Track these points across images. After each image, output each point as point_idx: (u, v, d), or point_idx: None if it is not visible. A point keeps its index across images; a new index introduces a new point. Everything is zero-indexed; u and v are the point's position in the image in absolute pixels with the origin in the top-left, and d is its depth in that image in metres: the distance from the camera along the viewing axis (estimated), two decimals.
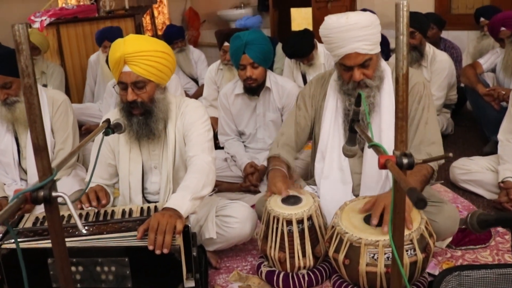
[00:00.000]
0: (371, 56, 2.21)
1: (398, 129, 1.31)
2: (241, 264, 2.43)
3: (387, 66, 2.36)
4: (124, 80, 2.15)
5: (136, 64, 2.11)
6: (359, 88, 2.27)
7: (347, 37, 2.16)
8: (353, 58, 2.20)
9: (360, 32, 2.14)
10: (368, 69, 2.23)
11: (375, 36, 2.19)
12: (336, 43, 2.21)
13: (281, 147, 2.45)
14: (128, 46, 2.11)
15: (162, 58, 2.17)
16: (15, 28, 1.11)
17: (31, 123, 1.17)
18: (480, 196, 3.07)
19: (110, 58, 2.16)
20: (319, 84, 2.52)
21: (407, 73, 1.27)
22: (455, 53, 4.79)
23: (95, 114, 5.17)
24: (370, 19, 2.18)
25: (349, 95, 2.31)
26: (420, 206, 0.97)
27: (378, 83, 2.27)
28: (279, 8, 7.31)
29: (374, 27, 2.18)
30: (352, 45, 2.17)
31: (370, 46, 2.18)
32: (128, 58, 2.10)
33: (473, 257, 2.37)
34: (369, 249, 1.93)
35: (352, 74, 2.24)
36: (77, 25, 5.78)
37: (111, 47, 2.20)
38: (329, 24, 2.21)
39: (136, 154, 2.31)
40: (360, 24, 2.13)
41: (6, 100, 2.86)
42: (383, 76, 2.30)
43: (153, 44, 2.17)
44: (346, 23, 2.14)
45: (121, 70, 2.13)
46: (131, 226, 1.93)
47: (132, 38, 2.18)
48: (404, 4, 1.22)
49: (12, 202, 1.11)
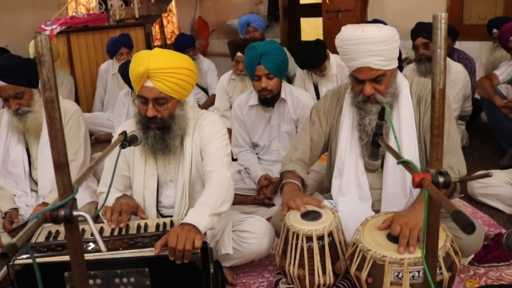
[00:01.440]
0: (385, 72, 2.15)
1: (433, 146, 1.25)
2: (257, 280, 2.37)
3: (405, 80, 2.30)
4: (145, 95, 2.09)
5: (159, 81, 2.06)
6: (369, 102, 2.22)
7: (361, 50, 2.10)
8: (365, 72, 2.15)
9: (375, 46, 2.08)
10: (380, 85, 2.17)
11: (391, 52, 2.12)
12: (349, 55, 2.15)
13: (295, 162, 2.39)
14: (153, 61, 2.06)
15: (186, 75, 2.12)
16: (37, 39, 1.06)
17: (52, 138, 1.12)
18: (499, 210, 3.00)
19: (133, 71, 2.10)
20: (334, 99, 2.46)
21: (443, 88, 1.21)
22: (469, 64, 4.73)
23: (104, 123, 5.14)
24: (388, 34, 2.11)
25: (360, 109, 2.26)
26: (468, 231, 0.91)
27: (390, 100, 2.21)
28: (289, 18, 7.29)
29: (392, 42, 2.11)
30: (365, 59, 2.11)
31: (384, 62, 2.12)
32: (152, 73, 2.05)
33: (497, 275, 2.29)
34: (394, 267, 1.86)
35: (363, 88, 2.18)
36: (88, 34, 5.77)
37: (135, 59, 2.14)
38: (344, 35, 2.16)
39: (152, 168, 2.26)
40: (375, 39, 2.07)
41: (17, 110, 2.83)
42: (397, 92, 2.23)
43: (178, 60, 2.12)
44: (361, 36, 2.09)
45: (143, 84, 2.09)
46: (147, 242, 1.88)
47: (158, 53, 2.11)
48: (442, 16, 1.18)
49: (32, 222, 1.06)
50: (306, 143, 2.45)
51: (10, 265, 1.79)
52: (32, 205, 2.93)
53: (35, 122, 2.90)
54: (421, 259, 1.82)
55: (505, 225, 2.82)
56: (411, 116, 2.24)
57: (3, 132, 2.97)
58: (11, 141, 2.98)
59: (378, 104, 2.19)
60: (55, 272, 1.78)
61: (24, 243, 1.00)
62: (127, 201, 2.18)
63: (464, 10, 5.77)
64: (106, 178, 2.35)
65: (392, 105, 2.24)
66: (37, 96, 2.93)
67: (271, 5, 7.57)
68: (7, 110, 2.92)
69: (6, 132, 2.97)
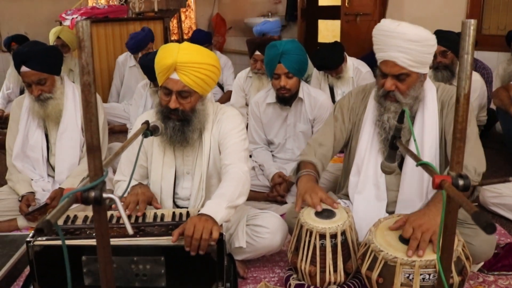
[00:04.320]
0: (410, 72, 2.17)
1: (455, 150, 1.27)
2: (268, 275, 2.40)
3: (433, 86, 2.31)
4: (170, 86, 2.13)
5: (185, 74, 2.10)
6: (389, 100, 2.24)
7: (390, 43, 2.13)
8: (390, 66, 2.17)
9: (405, 43, 2.10)
10: (402, 84, 2.19)
11: (421, 55, 2.13)
12: (379, 45, 2.20)
13: (318, 159, 2.39)
14: (182, 55, 2.09)
15: (211, 71, 2.16)
16: (78, 24, 1.10)
17: (86, 121, 1.16)
18: (510, 220, 3.00)
19: (159, 61, 2.14)
20: (359, 97, 2.48)
21: (468, 93, 1.24)
22: (486, 74, 4.72)
23: (120, 114, 5.19)
24: (422, 36, 2.12)
25: (380, 104, 2.29)
26: (489, 231, 0.93)
27: (410, 102, 2.22)
28: (307, 19, 7.30)
29: (424, 46, 2.13)
30: (392, 53, 2.14)
31: (411, 62, 2.14)
32: (179, 66, 2.09)
33: (507, 283, 2.31)
34: (405, 269, 1.89)
35: (385, 82, 2.21)
36: (107, 25, 5.82)
37: (163, 50, 2.18)
38: (380, 26, 2.20)
39: (170, 159, 2.30)
40: (407, 36, 2.10)
41: (39, 96, 2.88)
42: (421, 97, 2.25)
43: (205, 56, 2.16)
44: (394, 29, 2.12)
45: (169, 76, 2.12)
46: (164, 231, 1.92)
47: (187, 47, 2.15)
48: (471, 23, 1.19)
49: (64, 201, 1.10)
50: (331, 140, 2.45)
51: (30, 245, 1.84)
52: (49, 190, 2.98)
53: (55, 109, 2.96)
54: (432, 262, 1.85)
55: None
56: (435, 121, 2.26)
57: (24, 117, 3.03)
58: (30, 126, 3.03)
59: (397, 103, 2.22)
60: (73, 255, 1.81)
61: (56, 221, 1.04)
62: (143, 191, 2.21)
63: (484, 20, 5.76)
64: (123, 167, 2.38)
65: (417, 109, 2.26)
66: (58, 83, 2.98)
67: (290, 6, 7.58)
68: (28, 95, 2.97)
69: (26, 117, 3.02)
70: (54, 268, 1.81)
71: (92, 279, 1.83)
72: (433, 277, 1.87)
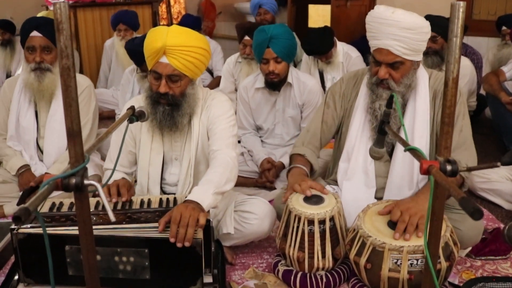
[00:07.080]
0: (404, 60, 2.14)
1: (443, 135, 1.26)
2: (256, 261, 2.39)
3: (426, 72, 2.29)
4: (159, 70, 2.10)
5: (175, 58, 2.06)
6: (381, 87, 2.22)
7: (385, 31, 2.10)
8: (384, 55, 2.15)
9: (399, 31, 2.07)
10: (396, 72, 2.17)
11: (415, 42, 2.10)
12: (373, 33, 2.16)
13: (306, 146, 2.39)
14: (171, 37, 2.06)
15: (201, 54, 2.13)
16: (56, 6, 1.06)
17: (66, 106, 1.13)
18: (498, 205, 3.01)
19: (149, 45, 2.10)
20: (351, 83, 2.45)
21: (457, 77, 1.22)
22: (476, 59, 4.71)
23: (108, 100, 5.12)
24: (416, 23, 2.09)
25: (372, 91, 2.26)
26: (476, 217, 0.92)
27: (402, 90, 2.20)
28: (297, 4, 7.25)
29: (418, 33, 2.09)
30: (386, 41, 2.11)
31: (405, 50, 2.11)
32: (168, 49, 2.05)
33: (493, 268, 2.32)
34: (393, 254, 1.89)
35: (378, 70, 2.19)
36: (94, 9, 5.74)
37: (151, 33, 2.15)
38: (374, 13, 2.16)
39: (158, 144, 2.27)
40: (402, 24, 2.06)
41: (40, 64, 2.84)
42: (414, 85, 2.22)
43: (195, 39, 2.13)
44: (389, 17, 2.08)
45: (158, 60, 2.09)
46: (151, 217, 1.89)
47: (176, 30, 2.12)
48: (460, 5, 1.17)
49: (43, 188, 1.07)
50: (319, 125, 2.44)
51: (14, 233, 1.81)
52: (40, 172, 2.93)
53: (50, 84, 2.90)
54: (420, 248, 1.85)
55: (503, 220, 2.84)
56: (427, 109, 2.24)
57: (16, 99, 2.98)
58: (21, 108, 2.99)
59: (389, 91, 2.19)
60: (57, 245, 1.78)
61: (36, 209, 1.01)
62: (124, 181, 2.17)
63: (474, 5, 5.74)
64: (112, 154, 2.35)
65: (409, 96, 2.24)
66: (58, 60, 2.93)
67: None
68: (24, 69, 2.92)
69: (18, 98, 2.98)
70: (39, 256, 1.78)
71: (75, 268, 1.80)
72: (421, 262, 1.87)
